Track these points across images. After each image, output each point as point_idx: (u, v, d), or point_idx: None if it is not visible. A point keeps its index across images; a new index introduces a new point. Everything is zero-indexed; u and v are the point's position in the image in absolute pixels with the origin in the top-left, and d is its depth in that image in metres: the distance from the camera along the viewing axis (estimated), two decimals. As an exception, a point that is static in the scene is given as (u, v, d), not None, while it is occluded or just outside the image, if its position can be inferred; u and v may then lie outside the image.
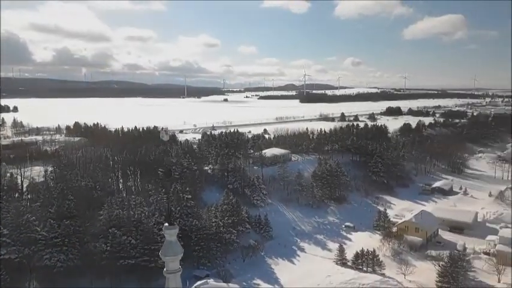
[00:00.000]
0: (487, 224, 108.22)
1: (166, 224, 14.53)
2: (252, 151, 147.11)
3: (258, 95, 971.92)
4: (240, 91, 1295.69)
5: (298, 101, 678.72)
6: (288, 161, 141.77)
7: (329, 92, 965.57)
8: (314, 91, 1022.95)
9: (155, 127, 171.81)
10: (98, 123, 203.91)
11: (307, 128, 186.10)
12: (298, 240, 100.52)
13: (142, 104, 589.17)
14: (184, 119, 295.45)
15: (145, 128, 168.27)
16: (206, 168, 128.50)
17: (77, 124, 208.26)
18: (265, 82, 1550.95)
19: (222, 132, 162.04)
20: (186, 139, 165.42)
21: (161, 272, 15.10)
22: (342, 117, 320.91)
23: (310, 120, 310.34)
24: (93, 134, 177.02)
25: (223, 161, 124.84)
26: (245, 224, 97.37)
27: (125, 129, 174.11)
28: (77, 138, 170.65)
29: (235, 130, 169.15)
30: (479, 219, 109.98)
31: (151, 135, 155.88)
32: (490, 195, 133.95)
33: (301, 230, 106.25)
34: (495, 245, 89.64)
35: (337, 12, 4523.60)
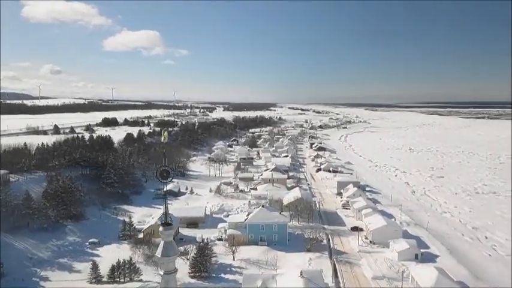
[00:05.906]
0: (214, 215, 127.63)
1: (162, 226, 13.53)
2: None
3: None
4: None
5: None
6: (8, 182, 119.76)
7: (28, 103, 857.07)
8: (8, 101, 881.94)
9: None
10: None
11: (25, 143, 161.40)
12: (38, 270, 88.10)
13: None
14: None
15: None
16: None
17: None
18: None
19: None
20: None
21: None
22: (56, 130, 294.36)
23: (17, 134, 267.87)
24: None
25: None
26: (-37, 267, 77.13)
27: None
28: None
29: None
30: (208, 213, 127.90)
31: None
32: (211, 190, 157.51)
33: (40, 258, 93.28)
34: (225, 230, 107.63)
35: (26, 13, 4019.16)
